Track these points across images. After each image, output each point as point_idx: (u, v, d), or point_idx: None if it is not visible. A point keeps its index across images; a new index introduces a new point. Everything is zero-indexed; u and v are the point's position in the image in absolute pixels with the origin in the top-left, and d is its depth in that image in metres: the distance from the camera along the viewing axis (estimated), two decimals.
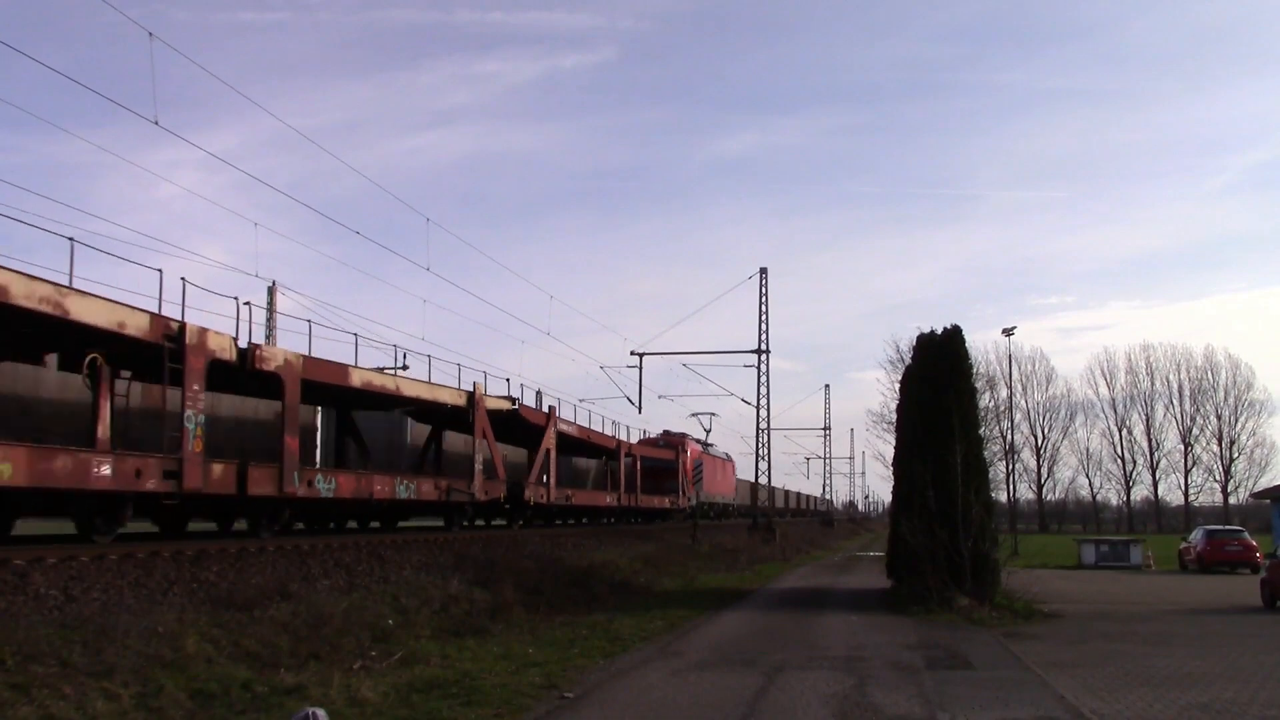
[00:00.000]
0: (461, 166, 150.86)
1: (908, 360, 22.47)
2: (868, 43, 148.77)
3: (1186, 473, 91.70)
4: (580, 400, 43.40)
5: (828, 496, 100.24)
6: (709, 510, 49.46)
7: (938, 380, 19.57)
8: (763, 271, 45.40)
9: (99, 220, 49.62)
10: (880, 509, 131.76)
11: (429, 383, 22.35)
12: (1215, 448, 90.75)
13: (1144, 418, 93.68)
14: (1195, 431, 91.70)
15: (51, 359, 15.27)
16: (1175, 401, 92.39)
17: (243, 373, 15.93)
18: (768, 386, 45.77)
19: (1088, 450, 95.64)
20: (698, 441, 49.89)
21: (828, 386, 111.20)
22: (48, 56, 73.72)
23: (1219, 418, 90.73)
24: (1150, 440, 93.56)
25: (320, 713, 6.76)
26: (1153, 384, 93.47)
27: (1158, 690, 10.35)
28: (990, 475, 21.63)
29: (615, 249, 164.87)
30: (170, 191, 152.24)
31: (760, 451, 48.25)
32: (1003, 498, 47.43)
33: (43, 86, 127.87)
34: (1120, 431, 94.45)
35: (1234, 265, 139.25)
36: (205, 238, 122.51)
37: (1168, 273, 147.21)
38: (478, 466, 23.92)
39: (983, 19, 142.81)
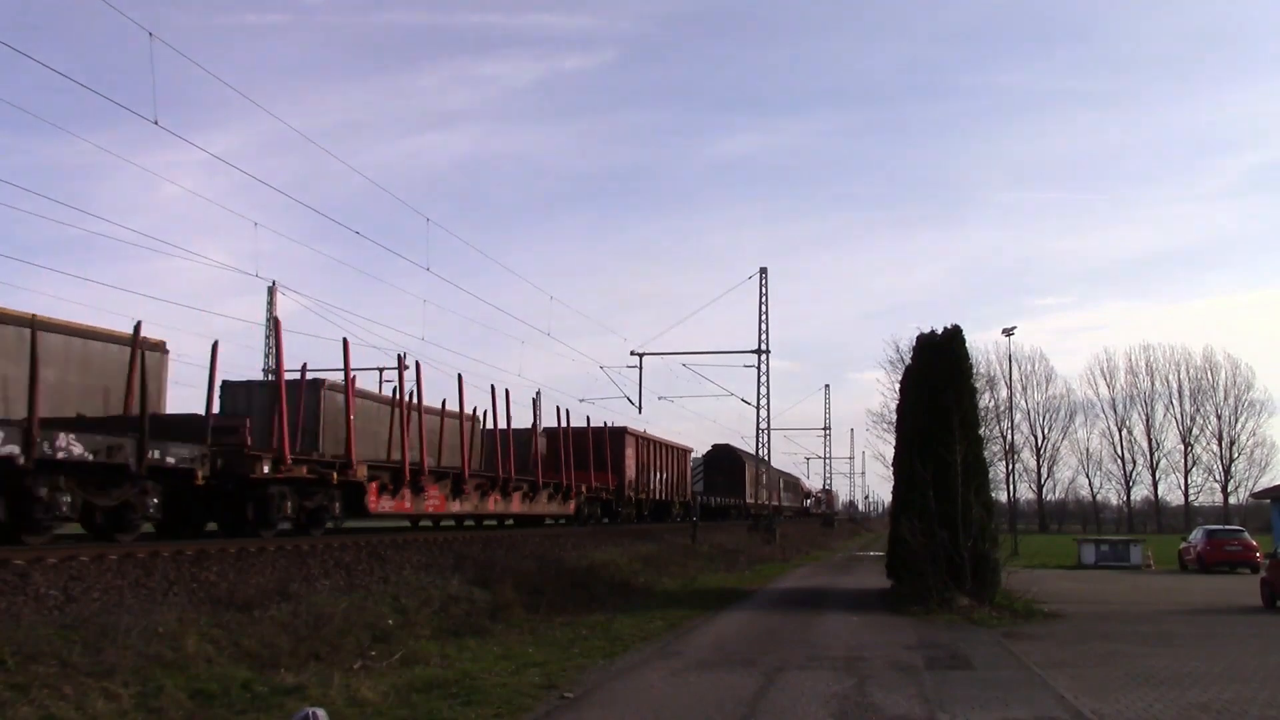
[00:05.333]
0: (461, 167, 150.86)
1: (908, 360, 22.47)
2: (868, 43, 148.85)
3: (1186, 473, 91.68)
4: (581, 400, 43.88)
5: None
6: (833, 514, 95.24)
7: (938, 380, 19.54)
8: (763, 271, 45.91)
9: (100, 220, 49.77)
10: (880, 509, 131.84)
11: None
12: (1215, 448, 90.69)
13: (1144, 418, 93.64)
14: (1195, 431, 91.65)
15: None
16: (1175, 401, 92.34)
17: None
18: (768, 386, 46.30)
19: (1088, 450, 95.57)
20: (828, 490, 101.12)
21: (828, 386, 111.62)
22: (48, 57, 73.68)
23: (1219, 418, 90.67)
24: (1150, 440, 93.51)
25: (320, 713, 6.74)
26: (1152, 384, 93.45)
27: (1158, 690, 10.35)
28: (990, 475, 21.63)
29: (615, 249, 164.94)
30: (171, 192, 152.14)
31: (760, 452, 48.35)
32: (1003, 498, 47.49)
33: (43, 87, 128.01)
34: (1120, 431, 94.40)
35: (1233, 265, 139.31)
36: (206, 238, 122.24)
37: (1167, 273, 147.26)
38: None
39: (983, 20, 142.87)
